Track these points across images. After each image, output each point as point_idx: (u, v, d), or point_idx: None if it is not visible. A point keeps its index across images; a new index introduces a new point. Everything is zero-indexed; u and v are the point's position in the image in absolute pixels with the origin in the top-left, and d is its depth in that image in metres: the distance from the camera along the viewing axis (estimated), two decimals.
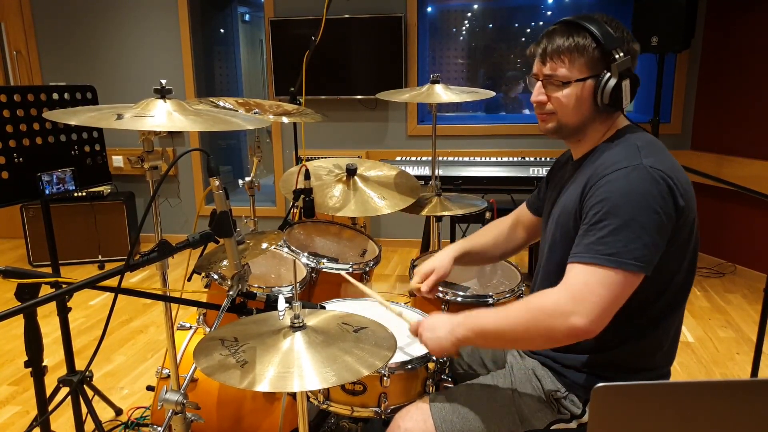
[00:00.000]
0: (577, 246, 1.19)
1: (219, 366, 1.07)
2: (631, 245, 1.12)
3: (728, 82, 3.79)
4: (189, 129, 1.22)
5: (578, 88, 1.24)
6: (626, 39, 1.24)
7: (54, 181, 1.90)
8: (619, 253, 1.13)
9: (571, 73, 1.24)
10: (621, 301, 1.15)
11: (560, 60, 1.24)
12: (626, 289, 1.15)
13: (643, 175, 1.15)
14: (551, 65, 1.25)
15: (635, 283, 1.15)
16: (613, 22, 1.24)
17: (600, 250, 1.14)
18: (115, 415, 2.37)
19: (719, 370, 2.70)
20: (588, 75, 1.23)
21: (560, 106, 1.27)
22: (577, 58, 1.23)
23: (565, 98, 1.25)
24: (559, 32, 1.24)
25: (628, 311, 1.17)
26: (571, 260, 1.18)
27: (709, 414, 0.80)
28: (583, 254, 1.16)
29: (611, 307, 1.14)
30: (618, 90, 1.22)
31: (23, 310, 1.11)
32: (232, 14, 5.62)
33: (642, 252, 1.13)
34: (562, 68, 1.24)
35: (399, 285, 3.80)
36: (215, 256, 1.55)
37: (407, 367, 1.43)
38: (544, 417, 1.32)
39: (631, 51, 1.24)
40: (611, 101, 1.23)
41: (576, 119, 1.28)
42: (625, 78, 1.22)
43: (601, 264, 1.13)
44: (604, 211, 1.15)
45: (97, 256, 4.28)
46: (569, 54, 1.23)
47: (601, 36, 1.20)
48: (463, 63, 4.59)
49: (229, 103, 2.17)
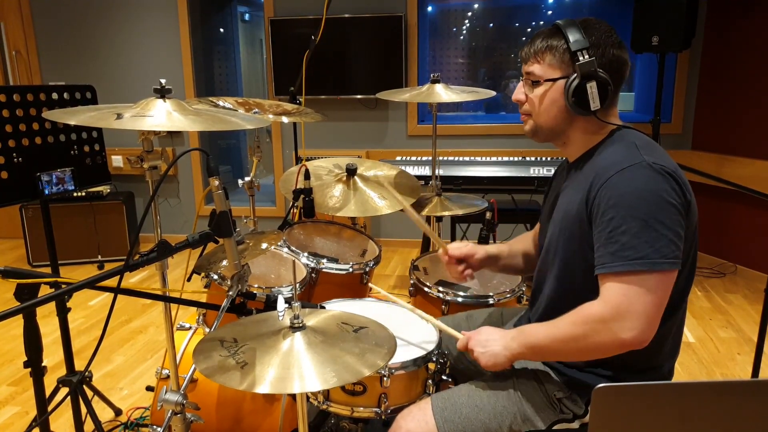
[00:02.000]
0: (602, 256, 1.17)
1: (218, 367, 1.07)
2: (657, 244, 1.12)
3: (729, 81, 3.79)
4: (189, 129, 1.22)
5: (548, 88, 1.28)
6: (602, 44, 1.24)
7: (53, 181, 1.89)
8: (648, 255, 1.12)
9: (543, 72, 1.28)
10: (664, 302, 1.15)
11: (535, 59, 1.29)
12: (666, 289, 1.14)
13: (649, 172, 1.15)
14: (528, 64, 1.30)
15: (672, 281, 1.15)
16: (596, 27, 1.25)
17: (628, 256, 1.13)
18: (114, 416, 2.37)
19: (720, 370, 2.70)
20: (558, 76, 1.27)
21: (533, 106, 1.31)
22: (548, 58, 1.27)
23: (537, 98, 1.30)
24: (541, 34, 1.29)
25: None
26: (602, 272, 1.17)
27: (710, 414, 0.80)
28: (612, 264, 1.15)
29: (656, 311, 1.14)
30: (582, 91, 1.23)
31: (23, 310, 1.10)
32: (232, 14, 5.62)
33: (670, 248, 1.12)
34: (536, 67, 1.29)
35: (399, 285, 3.80)
36: (215, 256, 1.55)
37: (407, 367, 1.43)
38: (546, 417, 1.31)
39: (606, 55, 1.24)
40: (579, 102, 1.24)
41: (548, 121, 1.31)
42: (590, 80, 1.22)
43: (634, 270, 1.12)
44: (621, 216, 1.14)
45: (97, 256, 4.27)
46: (542, 54, 1.28)
47: (571, 39, 1.23)
48: (463, 63, 4.59)
49: (229, 102, 2.17)
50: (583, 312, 1.19)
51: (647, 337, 1.13)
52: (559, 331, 1.22)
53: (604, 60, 1.24)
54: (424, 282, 1.95)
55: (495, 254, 1.62)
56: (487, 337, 1.32)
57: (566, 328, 1.21)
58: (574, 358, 1.29)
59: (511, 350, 1.28)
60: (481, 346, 1.32)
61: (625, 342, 1.13)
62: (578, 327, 1.18)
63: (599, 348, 1.17)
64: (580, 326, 1.18)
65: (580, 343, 1.18)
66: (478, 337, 1.34)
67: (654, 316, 1.13)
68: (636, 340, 1.13)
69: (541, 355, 1.31)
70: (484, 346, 1.31)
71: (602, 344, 1.16)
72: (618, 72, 1.26)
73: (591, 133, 1.31)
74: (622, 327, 1.13)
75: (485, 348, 1.31)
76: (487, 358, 1.30)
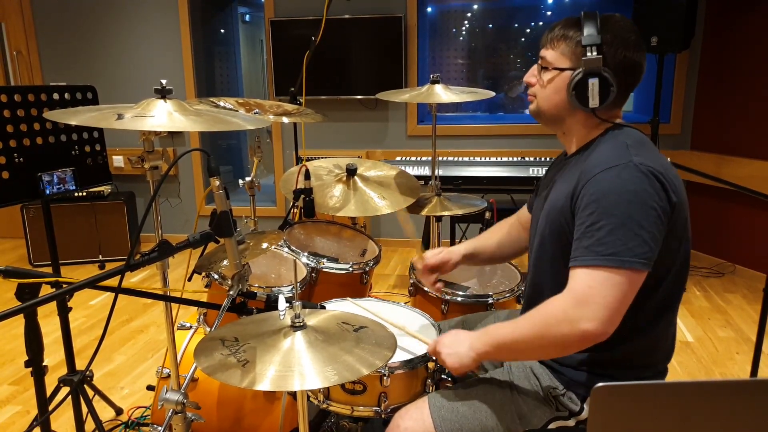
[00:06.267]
0: (576, 249, 1.19)
1: (220, 365, 1.07)
2: (630, 243, 1.13)
3: (728, 82, 3.79)
4: (189, 129, 1.22)
5: (555, 75, 1.30)
6: (615, 43, 1.24)
7: (54, 181, 1.90)
8: (619, 252, 1.13)
9: (554, 59, 1.30)
10: (628, 301, 1.15)
11: (551, 45, 1.31)
12: (631, 288, 1.15)
13: (634, 172, 1.16)
14: (545, 49, 1.33)
15: (639, 281, 1.15)
16: (615, 25, 1.25)
17: (600, 251, 1.14)
18: (115, 415, 2.37)
19: (719, 369, 2.70)
20: (567, 66, 1.28)
21: (539, 89, 1.34)
22: (562, 47, 1.29)
23: (544, 82, 1.32)
24: (562, 22, 1.31)
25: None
26: (573, 264, 1.18)
27: (709, 414, 0.80)
28: (584, 257, 1.16)
29: (619, 307, 1.14)
30: (584, 87, 1.24)
31: (23, 309, 1.11)
32: (233, 14, 5.62)
33: (642, 249, 1.13)
34: (550, 53, 1.31)
35: (399, 285, 3.80)
36: (215, 256, 1.55)
37: (407, 366, 1.44)
38: (542, 414, 1.32)
39: (617, 55, 1.24)
40: (578, 97, 1.26)
41: (550, 107, 1.33)
42: (593, 76, 1.24)
43: (603, 265, 1.13)
44: (600, 212, 1.15)
45: (98, 256, 4.28)
46: (557, 42, 1.30)
47: (585, 33, 1.24)
48: (463, 63, 4.59)
49: (230, 103, 2.18)
50: (544, 307, 1.20)
51: (607, 330, 1.13)
52: (522, 326, 1.22)
53: (614, 60, 1.24)
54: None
55: (471, 252, 1.64)
56: (453, 339, 1.32)
57: (528, 322, 1.21)
58: (538, 355, 1.30)
59: (476, 350, 1.27)
60: (447, 348, 1.31)
61: (585, 333, 1.13)
62: (540, 321, 1.19)
63: (560, 341, 1.16)
64: (541, 319, 1.18)
65: (543, 337, 1.17)
66: (444, 340, 1.34)
67: (616, 311, 1.13)
68: (596, 331, 1.12)
69: (507, 354, 1.30)
70: (450, 348, 1.31)
71: (563, 336, 1.15)
72: (628, 74, 1.26)
73: (589, 127, 1.32)
74: (582, 315, 1.12)
75: (451, 350, 1.31)
76: (453, 360, 1.30)
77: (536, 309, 1.21)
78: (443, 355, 1.32)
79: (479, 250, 1.67)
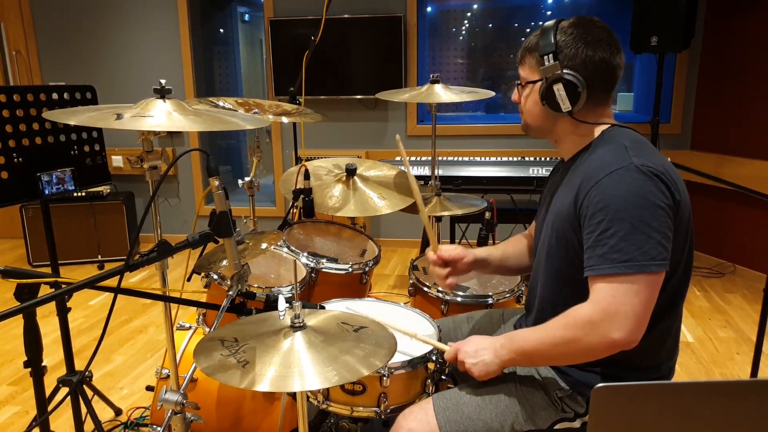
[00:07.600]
0: (590, 258, 1.18)
1: (219, 366, 1.07)
2: (644, 246, 1.13)
3: (728, 82, 3.79)
4: (189, 129, 1.22)
5: (530, 90, 1.33)
6: (571, 45, 1.25)
7: (53, 181, 1.89)
8: (635, 257, 1.13)
9: (526, 74, 1.34)
10: (652, 303, 1.16)
11: (521, 62, 1.35)
12: (653, 291, 1.15)
13: (637, 175, 1.16)
14: (519, 66, 1.37)
15: (659, 282, 1.16)
16: (572, 27, 1.26)
17: (616, 258, 1.14)
18: (114, 415, 2.37)
19: (719, 370, 2.70)
20: (536, 78, 1.31)
21: (522, 107, 1.38)
22: (529, 61, 1.33)
23: (524, 99, 1.36)
24: (528, 38, 1.35)
25: None
26: (590, 274, 1.18)
27: (709, 414, 0.80)
28: (600, 266, 1.16)
29: (644, 312, 1.14)
30: (551, 94, 1.26)
31: (23, 310, 1.11)
32: (232, 14, 5.62)
33: (657, 250, 1.13)
34: (522, 70, 1.35)
35: (398, 285, 3.80)
36: (215, 256, 1.55)
37: (407, 367, 1.43)
38: (548, 416, 1.32)
39: (578, 56, 1.24)
40: (550, 104, 1.28)
41: (534, 120, 1.36)
42: (555, 82, 1.25)
43: (622, 272, 1.13)
44: (609, 218, 1.15)
45: (97, 256, 4.28)
46: (524, 58, 1.34)
47: (541, 43, 1.28)
48: (462, 63, 4.59)
49: (229, 103, 2.17)
50: (572, 315, 1.19)
51: (636, 337, 1.14)
52: (549, 335, 1.22)
53: (575, 61, 1.25)
54: (424, 282, 1.96)
55: (484, 258, 1.61)
56: (476, 348, 1.32)
57: (556, 331, 1.21)
58: (565, 361, 1.30)
59: (501, 357, 1.28)
60: (472, 357, 1.32)
61: (615, 342, 1.14)
62: (568, 330, 1.19)
63: (589, 350, 1.17)
64: (570, 329, 1.19)
65: (571, 346, 1.18)
66: (466, 348, 1.34)
67: (642, 317, 1.14)
68: (625, 340, 1.13)
69: (532, 360, 1.31)
70: (474, 357, 1.31)
71: (592, 346, 1.16)
72: (595, 72, 1.25)
73: (581, 132, 1.32)
74: (611, 328, 1.13)
75: (476, 359, 1.31)
76: (479, 369, 1.30)
77: (564, 316, 1.21)
78: (467, 365, 1.32)
79: (489, 258, 1.63)
